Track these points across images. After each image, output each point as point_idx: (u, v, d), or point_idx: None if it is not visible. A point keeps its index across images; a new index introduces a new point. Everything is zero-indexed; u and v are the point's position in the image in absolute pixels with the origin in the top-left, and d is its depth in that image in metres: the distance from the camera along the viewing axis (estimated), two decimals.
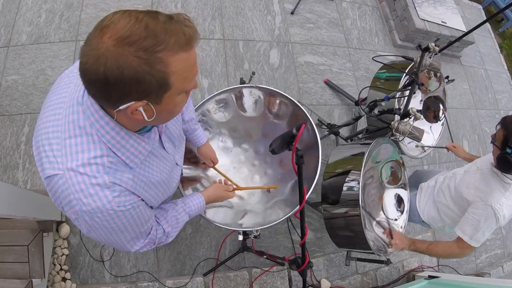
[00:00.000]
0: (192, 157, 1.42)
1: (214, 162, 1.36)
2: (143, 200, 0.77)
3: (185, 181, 1.36)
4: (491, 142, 1.29)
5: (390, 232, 1.49)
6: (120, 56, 0.50)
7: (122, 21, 0.51)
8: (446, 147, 1.84)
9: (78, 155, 0.63)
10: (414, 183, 1.81)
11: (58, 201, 0.67)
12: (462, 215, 1.38)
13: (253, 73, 1.63)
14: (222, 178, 1.38)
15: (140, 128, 0.71)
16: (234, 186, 1.33)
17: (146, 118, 0.59)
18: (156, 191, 0.82)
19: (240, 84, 1.49)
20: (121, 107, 0.57)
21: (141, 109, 0.58)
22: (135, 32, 0.50)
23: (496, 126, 1.28)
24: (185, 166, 1.43)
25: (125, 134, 0.66)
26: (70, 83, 0.72)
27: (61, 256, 1.77)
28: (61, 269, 1.76)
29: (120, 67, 0.51)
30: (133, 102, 0.56)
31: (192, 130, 1.20)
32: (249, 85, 1.46)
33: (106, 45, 0.50)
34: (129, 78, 0.52)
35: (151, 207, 0.85)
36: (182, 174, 1.09)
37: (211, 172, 1.49)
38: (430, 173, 1.82)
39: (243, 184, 1.49)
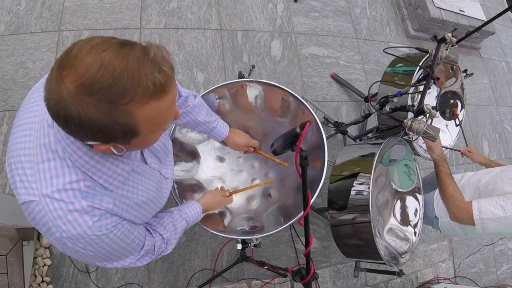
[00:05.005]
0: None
1: (253, 145, 1.37)
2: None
3: (180, 190, 1.36)
4: None
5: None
6: (80, 105, 0.50)
7: (86, 60, 0.49)
8: (460, 151, 1.80)
9: (52, 181, 0.63)
10: (431, 182, 1.82)
11: (37, 227, 0.68)
12: None
13: (253, 67, 1.63)
14: (219, 185, 1.37)
15: None
16: (230, 191, 1.33)
17: (115, 153, 0.62)
18: (142, 210, 0.83)
19: (239, 78, 1.48)
20: (88, 142, 0.59)
21: (108, 147, 0.59)
22: (98, 80, 0.48)
23: None
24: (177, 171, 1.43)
25: (100, 158, 0.66)
26: (40, 100, 0.71)
27: (43, 266, 1.76)
28: (42, 281, 1.75)
29: (80, 116, 0.50)
30: (98, 143, 0.58)
31: (211, 130, 1.20)
32: (248, 79, 1.45)
33: (67, 91, 0.49)
34: (90, 127, 0.52)
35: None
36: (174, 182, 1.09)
37: (206, 176, 1.49)
38: None
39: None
